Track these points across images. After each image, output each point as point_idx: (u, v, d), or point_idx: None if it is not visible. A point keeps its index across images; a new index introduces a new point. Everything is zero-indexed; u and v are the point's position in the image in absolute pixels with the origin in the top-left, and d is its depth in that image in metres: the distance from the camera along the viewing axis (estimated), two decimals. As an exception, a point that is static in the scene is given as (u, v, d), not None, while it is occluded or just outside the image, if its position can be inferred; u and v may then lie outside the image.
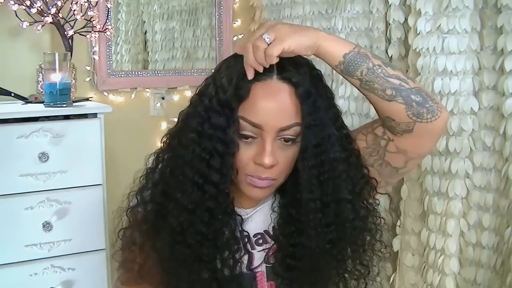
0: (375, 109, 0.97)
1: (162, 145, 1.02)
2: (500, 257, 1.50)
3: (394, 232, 1.78)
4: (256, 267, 1.02)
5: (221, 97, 0.92)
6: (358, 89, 0.95)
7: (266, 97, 0.91)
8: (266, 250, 1.02)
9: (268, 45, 0.87)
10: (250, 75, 0.90)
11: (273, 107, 0.90)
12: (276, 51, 0.87)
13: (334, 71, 1.90)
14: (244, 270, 1.01)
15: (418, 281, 1.71)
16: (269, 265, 1.02)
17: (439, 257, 1.59)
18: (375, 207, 1.02)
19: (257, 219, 1.04)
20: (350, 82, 0.95)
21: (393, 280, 1.80)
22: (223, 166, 0.92)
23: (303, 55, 0.91)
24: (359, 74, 0.92)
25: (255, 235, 1.03)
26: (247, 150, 0.92)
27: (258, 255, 1.02)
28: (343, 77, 0.95)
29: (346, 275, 1.00)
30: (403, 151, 0.98)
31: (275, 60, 0.88)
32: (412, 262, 1.73)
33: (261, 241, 1.03)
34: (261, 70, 0.90)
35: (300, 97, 0.91)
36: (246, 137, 0.92)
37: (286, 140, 0.93)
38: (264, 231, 1.03)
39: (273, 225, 1.03)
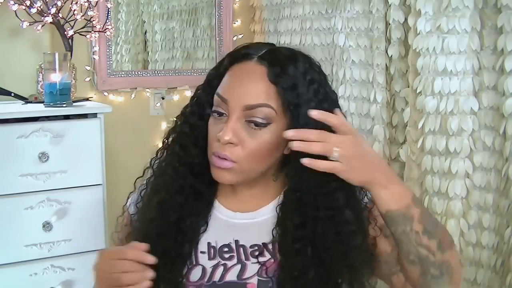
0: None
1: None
2: (500, 257, 1.50)
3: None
4: (247, 278, 0.97)
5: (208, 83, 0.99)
6: None
7: (237, 74, 0.93)
8: (262, 263, 0.97)
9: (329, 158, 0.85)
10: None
11: (240, 82, 0.92)
12: (329, 169, 0.85)
13: (334, 70, 1.92)
14: (234, 279, 0.96)
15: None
16: (261, 279, 0.97)
17: (439, 257, 1.59)
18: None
19: (257, 229, 1.00)
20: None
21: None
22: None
23: None
24: (393, 230, 0.91)
25: (251, 246, 0.98)
26: (216, 128, 0.93)
27: (252, 267, 0.97)
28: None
29: None
30: None
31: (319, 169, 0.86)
32: (412, 262, 1.73)
33: (257, 253, 0.98)
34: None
35: (274, 77, 0.90)
36: (219, 113, 0.93)
37: (256, 124, 0.90)
38: (262, 243, 0.98)
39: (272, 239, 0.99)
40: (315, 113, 0.85)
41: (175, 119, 1.03)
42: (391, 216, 0.89)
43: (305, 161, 0.84)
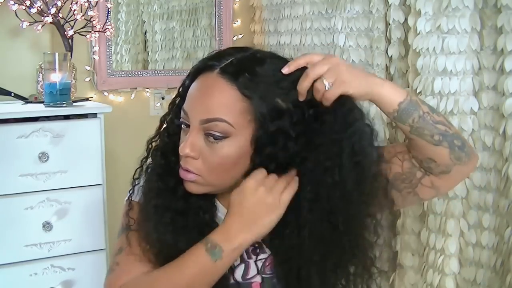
0: (415, 151, 0.98)
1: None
2: (500, 257, 1.50)
3: (394, 232, 1.79)
4: (251, 277, 0.99)
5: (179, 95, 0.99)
6: (406, 135, 0.97)
7: (197, 87, 0.92)
8: (263, 261, 0.99)
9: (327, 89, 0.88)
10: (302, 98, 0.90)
11: (197, 96, 0.91)
12: (334, 95, 0.89)
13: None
14: (239, 279, 0.98)
15: (418, 281, 1.71)
16: (265, 276, 0.99)
17: (439, 257, 1.59)
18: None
19: None
20: (400, 128, 0.97)
21: (393, 280, 1.80)
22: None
23: (357, 100, 0.93)
24: (411, 122, 0.93)
25: (251, 244, 0.98)
26: (182, 139, 0.93)
27: (254, 266, 0.99)
28: (394, 123, 0.96)
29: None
30: (436, 188, 1.00)
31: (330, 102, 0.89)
32: (412, 262, 1.73)
33: (258, 250, 0.99)
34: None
35: (240, 87, 0.88)
36: (185, 124, 0.93)
37: (214, 138, 0.89)
38: (261, 240, 0.98)
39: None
40: (285, 70, 0.89)
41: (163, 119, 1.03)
42: (403, 108, 0.93)
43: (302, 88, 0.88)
